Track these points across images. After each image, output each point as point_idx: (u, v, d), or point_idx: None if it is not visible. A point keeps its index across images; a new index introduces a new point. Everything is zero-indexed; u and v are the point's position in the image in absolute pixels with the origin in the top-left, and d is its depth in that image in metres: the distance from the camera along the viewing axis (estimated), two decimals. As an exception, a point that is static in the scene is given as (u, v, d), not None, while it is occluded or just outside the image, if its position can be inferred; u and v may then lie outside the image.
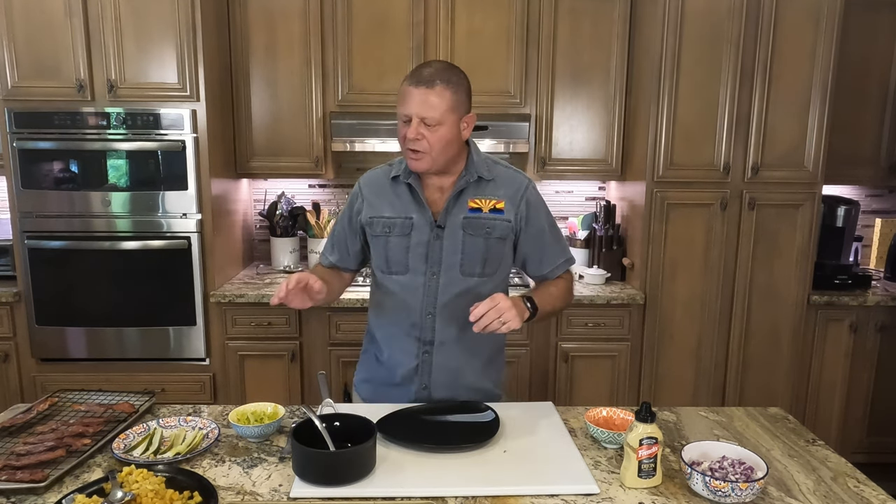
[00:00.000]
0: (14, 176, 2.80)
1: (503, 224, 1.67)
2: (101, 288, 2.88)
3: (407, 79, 1.57)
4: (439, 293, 1.66)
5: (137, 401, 1.68)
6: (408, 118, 1.56)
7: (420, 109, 1.54)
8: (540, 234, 1.71)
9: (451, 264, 1.66)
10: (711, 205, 2.93)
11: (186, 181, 2.82)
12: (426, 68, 1.58)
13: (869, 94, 3.18)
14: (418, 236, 1.65)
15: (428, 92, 1.54)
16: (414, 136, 1.56)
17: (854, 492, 1.33)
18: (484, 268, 1.67)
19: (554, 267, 1.75)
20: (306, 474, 1.31)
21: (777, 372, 3.04)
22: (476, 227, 1.65)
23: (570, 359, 2.99)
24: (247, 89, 3.08)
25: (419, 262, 1.66)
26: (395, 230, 1.67)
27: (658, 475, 1.33)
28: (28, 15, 2.72)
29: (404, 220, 1.66)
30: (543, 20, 3.04)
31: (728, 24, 2.79)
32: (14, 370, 2.97)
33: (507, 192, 1.68)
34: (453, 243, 1.65)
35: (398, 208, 1.68)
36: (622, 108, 3.13)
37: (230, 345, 2.94)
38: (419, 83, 1.54)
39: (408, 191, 1.67)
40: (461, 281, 1.66)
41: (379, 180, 1.73)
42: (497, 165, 1.72)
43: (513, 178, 1.71)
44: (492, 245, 1.66)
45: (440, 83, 1.54)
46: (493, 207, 1.66)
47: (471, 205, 1.65)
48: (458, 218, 1.65)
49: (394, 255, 1.68)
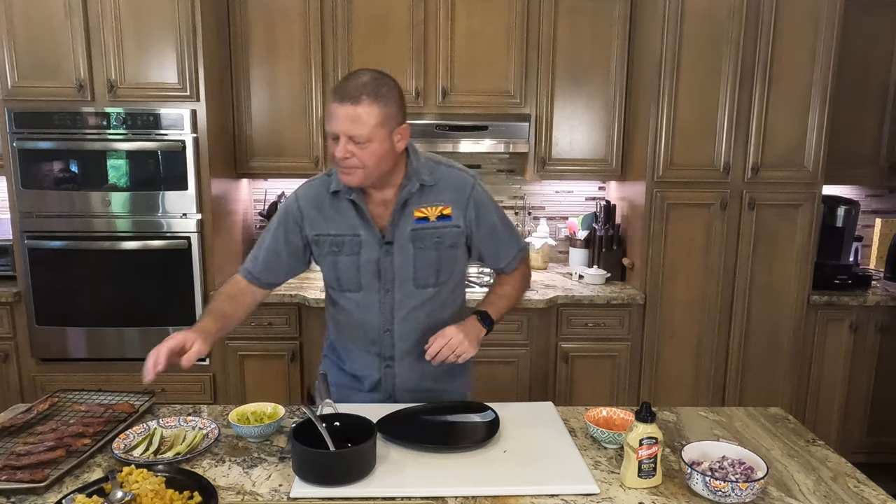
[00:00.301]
0: (14, 176, 2.80)
1: (452, 231, 1.63)
2: (101, 288, 2.88)
3: (332, 95, 1.48)
4: (395, 309, 1.64)
5: (137, 401, 1.68)
6: (335, 136, 1.48)
7: (347, 127, 1.45)
8: (492, 232, 1.69)
9: (405, 279, 1.62)
10: (711, 205, 2.93)
11: (186, 181, 2.82)
12: (352, 81, 1.47)
13: (869, 94, 3.18)
14: (368, 254, 1.61)
15: (354, 108, 1.44)
16: (343, 154, 1.47)
17: (854, 492, 1.33)
18: (438, 277, 1.65)
19: (510, 260, 1.74)
20: (306, 474, 1.31)
21: (777, 372, 3.04)
22: (425, 239, 1.61)
23: (570, 359, 2.99)
24: (247, 89, 3.08)
25: (372, 280, 1.62)
26: (344, 248, 1.62)
27: (658, 475, 1.33)
28: (28, 15, 2.72)
29: (352, 237, 1.61)
30: (543, 20, 3.04)
31: (728, 24, 2.79)
32: (14, 370, 2.97)
33: (453, 196, 1.63)
34: (404, 258, 1.61)
35: (343, 226, 1.61)
36: (622, 108, 3.13)
37: (230, 345, 2.94)
38: (344, 99, 1.45)
39: (351, 207, 1.60)
40: (416, 294, 1.64)
41: (319, 195, 1.64)
42: (439, 166, 1.65)
43: (457, 180, 1.64)
44: (443, 254, 1.64)
45: (367, 98, 1.45)
46: (441, 214, 1.61)
47: (417, 214, 1.60)
48: (406, 231, 1.60)
49: (344, 274, 1.64)
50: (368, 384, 1.72)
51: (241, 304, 1.70)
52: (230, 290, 1.71)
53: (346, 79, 1.50)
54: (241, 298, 1.70)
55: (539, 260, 3.40)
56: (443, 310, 1.69)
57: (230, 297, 1.69)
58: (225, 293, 1.70)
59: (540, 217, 3.52)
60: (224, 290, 1.72)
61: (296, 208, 1.65)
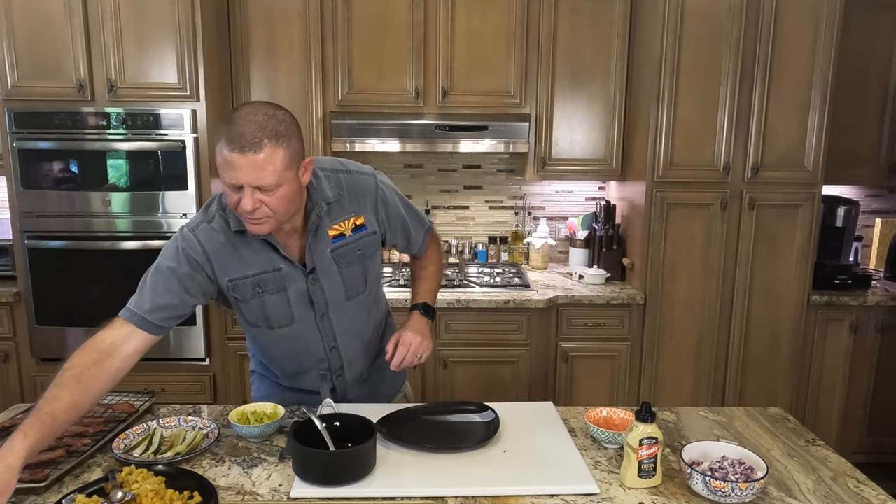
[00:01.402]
0: (14, 176, 2.80)
1: (371, 239, 1.59)
2: (102, 288, 2.88)
3: (226, 143, 1.29)
4: (335, 327, 1.61)
5: (137, 401, 1.69)
6: (237, 186, 1.32)
7: (251, 178, 1.30)
8: (401, 223, 1.67)
9: (337, 298, 1.58)
10: (711, 205, 2.93)
11: (186, 181, 2.82)
12: (245, 124, 1.29)
13: (869, 94, 3.18)
14: (294, 286, 1.52)
15: (255, 156, 1.29)
16: (252, 206, 1.32)
17: (854, 492, 1.33)
18: (366, 283, 1.63)
19: (419, 244, 1.75)
20: (306, 474, 1.31)
21: (777, 372, 3.04)
22: (347, 256, 1.55)
23: (570, 359, 2.99)
24: (247, 89, 3.08)
25: (304, 310, 1.55)
26: (268, 287, 1.51)
27: (658, 475, 1.33)
28: (28, 15, 2.72)
29: (273, 273, 1.50)
30: (543, 20, 3.04)
31: (728, 24, 2.79)
32: (14, 370, 2.97)
33: (362, 203, 1.56)
34: (331, 280, 1.55)
35: (259, 263, 1.49)
36: (622, 108, 3.13)
37: (230, 345, 2.94)
38: (244, 148, 1.28)
39: (262, 244, 1.48)
40: (350, 306, 1.61)
41: (225, 236, 1.47)
42: (338, 175, 1.55)
43: (360, 185, 1.57)
44: (367, 264, 1.61)
45: (268, 142, 1.29)
46: (355, 226, 1.55)
47: (331, 233, 1.52)
48: (325, 253, 1.52)
49: (274, 311, 1.54)
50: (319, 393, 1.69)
51: (100, 376, 1.39)
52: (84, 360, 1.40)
53: (235, 121, 1.31)
54: (104, 365, 1.41)
55: (539, 260, 3.41)
56: (374, 306, 1.70)
57: (76, 378, 1.37)
58: (71, 374, 1.37)
59: (540, 217, 3.52)
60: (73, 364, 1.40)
61: (200, 251, 1.47)
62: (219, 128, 1.35)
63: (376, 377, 1.77)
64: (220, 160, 1.32)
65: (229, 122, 1.32)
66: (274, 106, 1.37)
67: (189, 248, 1.47)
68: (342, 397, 1.71)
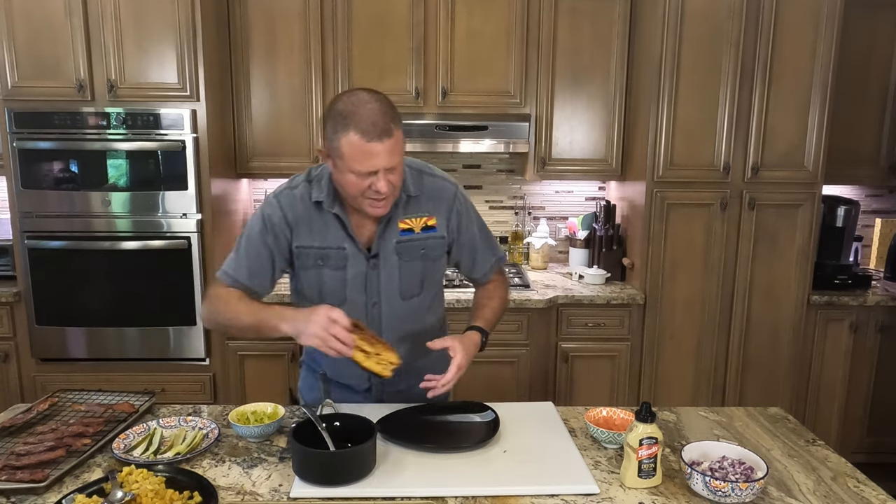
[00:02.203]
0: (14, 176, 2.80)
1: (437, 242, 1.62)
2: (101, 288, 2.88)
3: (361, 135, 1.38)
4: (383, 322, 1.62)
5: (137, 401, 1.68)
6: (372, 172, 1.42)
7: (387, 161, 1.41)
8: (471, 242, 1.68)
9: (391, 292, 1.60)
10: (711, 205, 2.93)
11: (186, 181, 2.82)
12: (373, 115, 1.39)
13: (869, 94, 3.18)
14: (354, 268, 1.57)
15: (390, 141, 1.40)
16: (387, 189, 1.43)
17: (854, 492, 1.33)
18: (422, 287, 1.65)
19: (486, 270, 1.74)
20: (306, 474, 1.31)
21: (777, 372, 3.04)
22: (410, 251, 1.59)
23: (570, 359, 2.99)
24: (247, 89, 3.08)
25: (357, 294, 1.59)
26: (329, 262, 1.57)
27: (658, 475, 1.33)
28: (28, 15, 2.72)
29: (337, 250, 1.56)
30: (543, 20, 3.05)
31: (728, 24, 2.79)
32: (14, 370, 2.97)
33: (437, 206, 1.61)
34: (389, 271, 1.59)
35: (327, 238, 1.56)
36: (622, 108, 3.13)
37: (230, 345, 2.94)
38: (381, 136, 1.38)
39: (335, 219, 1.56)
40: (402, 305, 1.63)
41: (304, 204, 1.56)
42: (422, 175, 1.62)
43: (440, 189, 1.62)
44: (428, 266, 1.63)
45: (394, 126, 1.41)
46: (425, 225, 1.60)
47: (401, 226, 1.57)
48: (391, 243, 1.57)
49: (329, 287, 1.58)
50: (357, 391, 1.72)
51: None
52: (229, 293, 1.57)
53: (358, 112, 1.39)
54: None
55: (539, 260, 3.41)
56: (428, 313, 1.70)
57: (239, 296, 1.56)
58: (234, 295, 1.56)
59: (540, 217, 3.52)
60: (227, 296, 1.56)
61: (281, 216, 1.57)
62: (335, 121, 1.41)
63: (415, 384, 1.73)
64: (351, 151, 1.39)
65: (349, 114, 1.39)
66: (372, 91, 1.46)
67: (272, 214, 1.57)
68: (378, 398, 1.70)
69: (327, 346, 1.37)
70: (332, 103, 1.46)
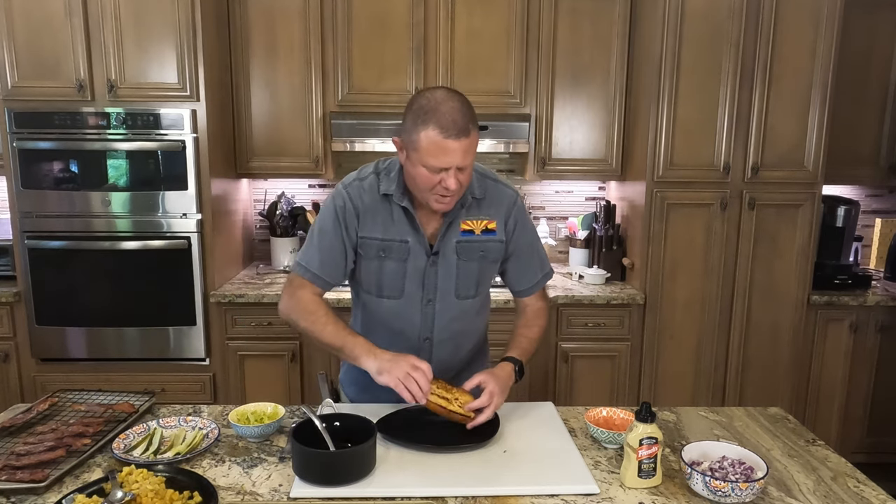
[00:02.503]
0: (14, 176, 2.80)
1: (496, 245, 1.65)
2: (101, 288, 2.88)
3: (440, 131, 1.41)
4: (436, 319, 1.65)
5: (137, 401, 1.68)
6: (443, 169, 1.45)
7: (461, 159, 1.44)
8: (521, 252, 1.70)
9: (447, 290, 1.63)
10: (711, 205, 2.93)
11: (186, 181, 2.82)
12: (452, 112, 1.43)
13: (869, 94, 3.18)
14: (415, 262, 1.60)
15: (467, 141, 1.44)
16: (457, 186, 1.46)
17: (854, 492, 1.33)
18: (477, 289, 1.67)
19: (531, 285, 1.74)
20: (306, 474, 1.31)
21: (777, 372, 3.04)
22: (469, 252, 1.62)
23: (570, 359, 2.99)
24: (247, 89, 3.08)
25: (415, 289, 1.62)
26: (391, 254, 1.60)
27: (658, 475, 1.33)
28: (28, 15, 2.72)
29: (400, 243, 1.59)
30: (543, 20, 3.05)
31: (728, 24, 2.79)
32: (14, 370, 2.97)
33: (498, 211, 1.64)
34: (447, 269, 1.62)
35: (392, 231, 1.59)
36: (622, 108, 3.13)
37: (230, 345, 2.94)
38: (459, 135, 1.42)
39: (402, 212, 1.59)
40: (456, 305, 1.65)
41: (371, 195, 1.60)
42: (486, 180, 1.65)
43: (502, 195, 1.66)
44: (485, 267, 1.66)
45: (472, 127, 1.44)
46: (486, 228, 1.62)
47: (463, 227, 1.61)
48: (452, 242, 1.61)
49: (388, 279, 1.62)
50: None
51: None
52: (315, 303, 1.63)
53: (439, 109, 1.43)
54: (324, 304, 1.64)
55: (539, 260, 3.40)
56: (477, 317, 1.73)
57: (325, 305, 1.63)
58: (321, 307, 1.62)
59: (540, 217, 3.52)
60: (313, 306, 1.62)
61: (351, 207, 1.60)
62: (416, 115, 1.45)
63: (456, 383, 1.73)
64: (428, 146, 1.43)
65: (431, 110, 1.43)
66: (452, 90, 1.49)
67: (343, 205, 1.60)
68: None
69: (406, 390, 1.44)
70: (414, 98, 1.51)
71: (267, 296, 2.87)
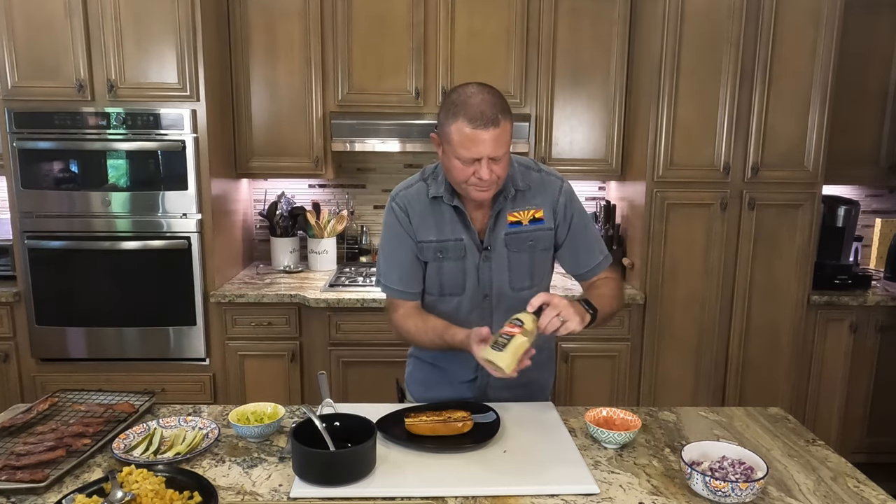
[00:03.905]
0: (14, 176, 2.80)
1: (545, 234, 1.66)
2: (101, 288, 2.88)
3: (468, 122, 1.45)
4: (494, 313, 1.67)
5: (137, 401, 1.68)
6: (477, 159, 1.48)
7: (492, 150, 1.47)
8: (574, 236, 1.69)
9: (501, 283, 1.66)
10: (711, 205, 2.93)
11: (186, 181, 2.82)
12: (481, 103, 1.46)
13: (869, 94, 3.18)
14: (472, 258, 1.64)
15: (498, 131, 1.46)
16: (489, 177, 1.49)
17: (854, 492, 1.33)
18: (532, 280, 1.68)
19: (591, 267, 1.72)
20: (306, 474, 1.31)
21: (777, 372, 3.04)
22: (519, 243, 1.64)
23: (570, 359, 2.99)
24: (247, 89, 3.08)
25: (473, 284, 1.66)
26: (449, 254, 1.64)
27: (505, 359, 1.35)
28: (28, 15, 2.72)
29: (455, 242, 1.63)
30: (543, 20, 3.05)
31: (728, 24, 2.79)
32: (14, 370, 2.97)
33: (544, 199, 1.66)
34: (499, 262, 1.64)
35: (446, 231, 1.64)
36: (622, 108, 3.13)
37: (230, 345, 2.94)
38: (488, 124, 1.45)
39: (452, 212, 1.63)
40: (512, 296, 1.66)
41: (421, 200, 1.65)
42: (529, 171, 1.68)
43: (547, 183, 1.68)
44: (536, 257, 1.67)
45: (502, 117, 1.47)
46: (533, 218, 1.65)
47: (510, 219, 1.63)
48: (500, 235, 1.63)
49: (449, 278, 1.66)
50: (463, 381, 1.73)
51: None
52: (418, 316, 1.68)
53: (468, 102, 1.46)
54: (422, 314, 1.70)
55: (539, 260, 3.40)
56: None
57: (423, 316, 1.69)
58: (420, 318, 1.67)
59: (540, 217, 3.52)
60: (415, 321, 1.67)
61: (404, 216, 1.65)
62: (448, 109, 1.49)
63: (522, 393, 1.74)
64: (459, 138, 1.47)
65: (461, 103, 1.47)
66: (483, 84, 1.52)
67: (398, 216, 1.66)
68: (482, 395, 1.72)
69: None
70: (447, 94, 1.54)
71: (267, 296, 2.87)
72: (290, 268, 3.30)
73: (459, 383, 1.74)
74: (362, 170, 3.50)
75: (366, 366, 2.91)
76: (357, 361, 2.92)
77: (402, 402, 1.87)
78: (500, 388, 1.71)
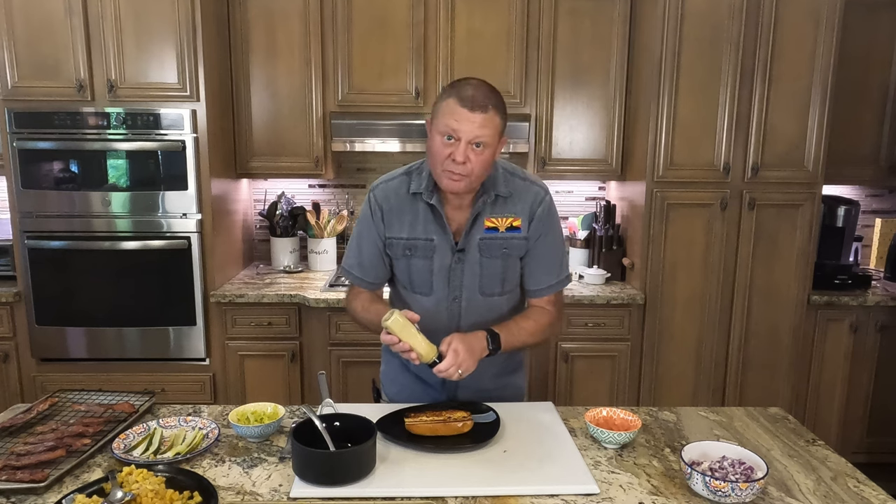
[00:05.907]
0: (14, 176, 2.80)
1: (519, 242, 1.65)
2: (101, 288, 2.88)
3: (457, 101, 1.47)
4: (462, 316, 1.66)
5: (137, 401, 1.68)
6: (456, 138, 1.48)
7: (474, 132, 1.47)
8: (539, 250, 1.67)
9: (472, 287, 1.65)
10: (711, 205, 2.93)
11: (186, 181, 2.82)
12: (475, 90, 1.48)
13: (869, 94, 3.18)
14: (440, 259, 1.63)
15: (483, 117, 1.47)
16: (462, 158, 1.47)
17: (854, 492, 1.33)
18: (503, 286, 1.67)
19: (540, 287, 1.69)
20: (306, 474, 1.31)
21: (777, 372, 3.04)
22: (493, 249, 1.63)
23: (570, 359, 2.99)
24: (247, 89, 3.08)
25: (441, 286, 1.65)
26: (417, 252, 1.63)
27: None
28: (28, 15, 2.72)
29: (425, 241, 1.62)
30: (543, 20, 3.04)
31: (728, 24, 2.79)
32: (14, 370, 2.97)
33: (524, 208, 1.64)
34: (472, 266, 1.63)
35: (418, 229, 1.63)
36: (622, 108, 3.13)
37: (230, 345, 2.94)
38: (474, 107, 1.46)
39: (428, 210, 1.62)
40: (483, 302, 1.66)
41: (398, 195, 1.64)
42: (514, 178, 1.65)
43: (529, 191, 1.65)
44: (509, 265, 1.66)
45: (492, 107, 1.48)
46: (510, 226, 1.63)
47: (487, 224, 1.62)
48: (475, 239, 1.62)
49: (417, 276, 1.66)
50: (432, 381, 1.73)
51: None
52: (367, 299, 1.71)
53: (465, 86, 1.49)
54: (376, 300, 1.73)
55: (539, 260, 3.40)
56: (508, 315, 1.71)
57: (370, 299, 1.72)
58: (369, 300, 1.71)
59: (540, 217, 3.51)
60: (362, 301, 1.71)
61: (377, 209, 1.65)
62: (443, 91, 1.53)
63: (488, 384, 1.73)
64: (444, 112, 1.49)
65: (458, 86, 1.50)
66: (485, 81, 1.54)
67: (371, 208, 1.67)
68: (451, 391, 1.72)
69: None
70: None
71: (267, 296, 2.87)
72: (290, 268, 3.30)
73: (427, 385, 1.74)
74: (362, 170, 3.50)
75: (366, 366, 2.90)
76: (357, 361, 2.92)
77: (377, 402, 1.86)
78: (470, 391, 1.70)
